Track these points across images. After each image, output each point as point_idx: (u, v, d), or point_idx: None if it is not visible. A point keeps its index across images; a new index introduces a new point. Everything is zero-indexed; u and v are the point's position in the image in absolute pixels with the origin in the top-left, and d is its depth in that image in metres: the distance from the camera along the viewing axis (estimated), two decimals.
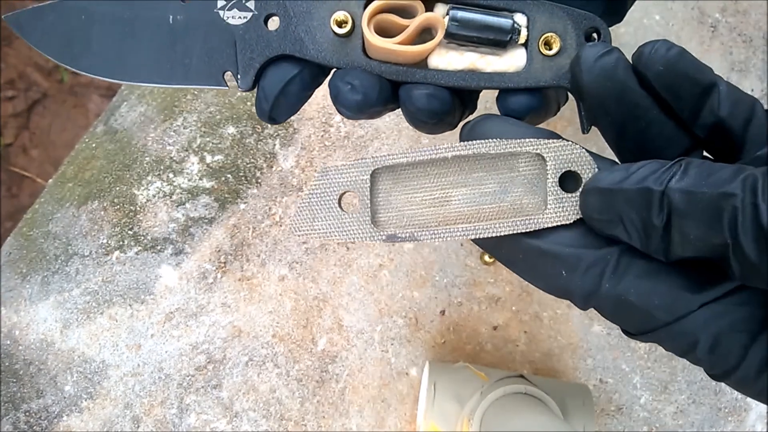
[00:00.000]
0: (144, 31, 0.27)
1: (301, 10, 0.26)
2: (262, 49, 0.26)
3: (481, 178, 0.26)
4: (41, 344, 0.45)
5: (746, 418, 0.45)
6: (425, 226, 0.27)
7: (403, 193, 0.27)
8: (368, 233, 0.27)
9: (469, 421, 0.38)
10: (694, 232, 0.20)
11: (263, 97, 0.27)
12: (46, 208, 0.47)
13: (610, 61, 0.24)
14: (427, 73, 0.26)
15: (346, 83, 0.25)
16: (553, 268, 0.24)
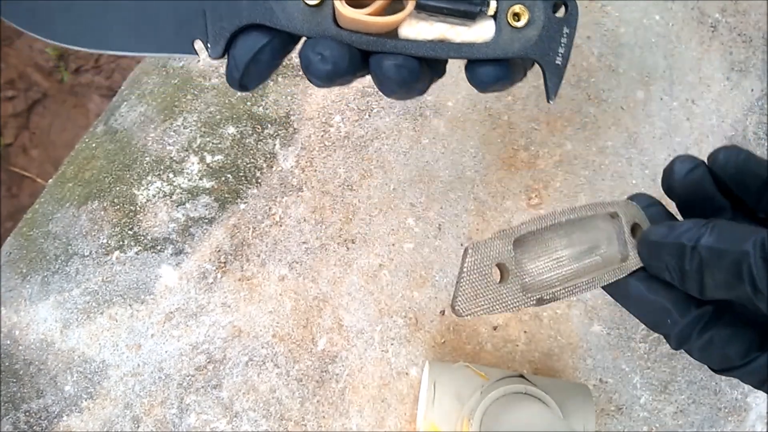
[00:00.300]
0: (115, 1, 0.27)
1: None
2: (232, 18, 0.26)
3: (577, 236, 0.31)
4: (41, 344, 0.45)
5: (746, 418, 0.45)
6: (554, 287, 0.30)
7: (531, 258, 0.30)
8: (522, 300, 0.29)
9: (469, 420, 0.38)
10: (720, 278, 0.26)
11: (234, 66, 0.27)
12: (46, 208, 0.47)
13: (698, 175, 0.30)
14: (398, 43, 0.27)
15: (317, 54, 0.26)
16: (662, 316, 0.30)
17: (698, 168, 0.30)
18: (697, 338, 0.30)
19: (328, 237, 0.46)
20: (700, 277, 0.27)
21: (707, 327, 0.30)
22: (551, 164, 0.47)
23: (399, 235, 0.46)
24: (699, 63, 0.49)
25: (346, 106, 0.48)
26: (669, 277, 0.29)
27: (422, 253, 0.46)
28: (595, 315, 0.46)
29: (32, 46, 1.11)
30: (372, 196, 0.47)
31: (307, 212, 0.47)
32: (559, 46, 0.27)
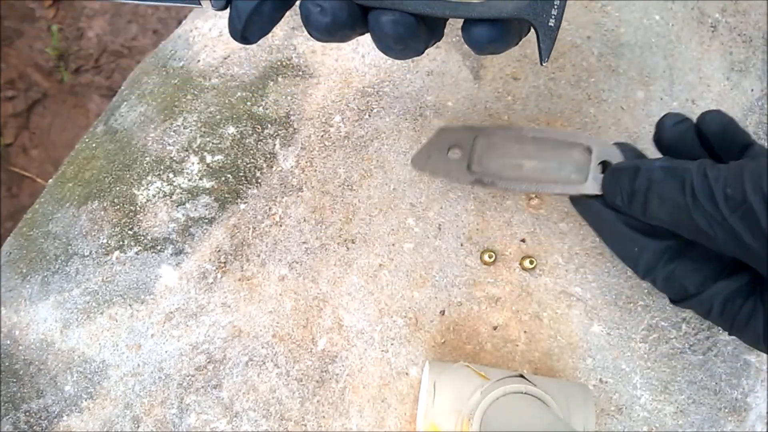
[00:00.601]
0: None
1: None
2: None
3: (546, 156, 0.40)
4: (41, 344, 0.45)
5: (746, 418, 0.45)
6: (503, 179, 0.40)
7: (492, 156, 0.40)
8: (463, 176, 0.40)
9: (469, 420, 0.38)
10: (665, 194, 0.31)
11: (236, 16, 0.27)
12: (46, 208, 0.47)
13: (684, 127, 0.35)
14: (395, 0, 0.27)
15: (316, 5, 0.26)
16: (630, 245, 0.35)
17: (685, 122, 0.35)
18: (662, 268, 0.34)
19: (328, 237, 0.46)
20: (646, 196, 0.32)
21: (672, 259, 0.34)
22: None
23: (399, 235, 0.46)
24: (699, 63, 0.49)
25: (346, 106, 0.48)
26: (620, 200, 0.34)
27: (422, 253, 0.46)
28: (595, 315, 0.46)
29: (32, 46, 1.11)
30: (372, 196, 0.47)
31: (307, 212, 0.47)
32: (552, 8, 0.28)
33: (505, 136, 0.40)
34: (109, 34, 1.13)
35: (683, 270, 0.34)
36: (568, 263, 0.46)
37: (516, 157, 0.40)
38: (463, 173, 0.40)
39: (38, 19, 1.12)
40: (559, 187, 0.40)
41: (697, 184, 0.29)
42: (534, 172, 0.40)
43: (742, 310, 0.33)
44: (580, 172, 0.40)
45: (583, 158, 0.40)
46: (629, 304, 0.46)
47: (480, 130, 0.40)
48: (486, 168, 0.41)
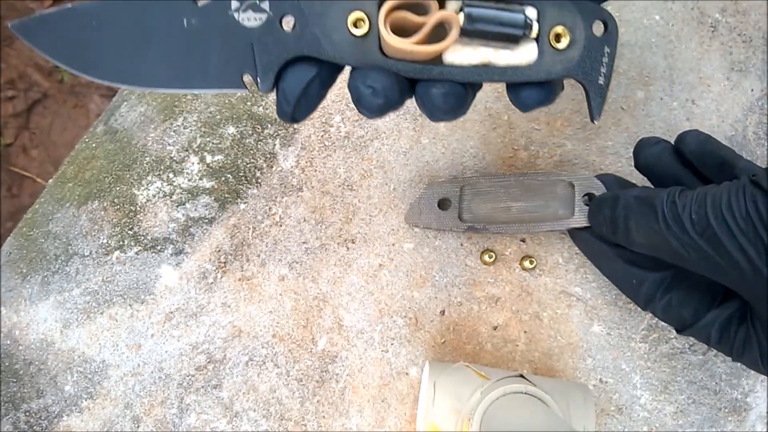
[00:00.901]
0: (157, 36, 0.26)
1: (316, 11, 0.26)
2: (280, 51, 0.26)
3: (531, 197, 0.43)
4: (41, 344, 0.45)
5: (746, 418, 0.45)
6: (493, 223, 0.43)
7: (480, 203, 0.43)
8: (455, 225, 0.44)
9: (469, 420, 0.38)
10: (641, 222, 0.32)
11: (284, 100, 0.27)
12: (46, 208, 0.47)
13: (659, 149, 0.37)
14: (443, 69, 0.27)
15: (368, 87, 0.26)
16: (628, 278, 0.37)
17: (659, 144, 0.37)
18: (659, 299, 0.36)
19: (328, 237, 0.46)
20: (626, 223, 0.33)
21: (668, 289, 0.35)
22: (551, 164, 0.47)
23: (399, 235, 0.46)
24: (699, 63, 0.49)
25: (346, 106, 0.48)
26: (605, 229, 0.36)
27: (422, 253, 0.46)
28: (595, 315, 0.46)
29: None
30: (372, 196, 0.47)
31: (307, 212, 0.47)
32: (600, 66, 0.28)
33: (490, 183, 0.43)
34: None
35: (679, 299, 0.35)
36: (568, 263, 0.46)
37: (503, 200, 0.43)
38: (456, 223, 0.43)
39: None
40: (548, 224, 0.42)
41: (667, 212, 0.31)
42: (522, 213, 0.42)
43: (737, 337, 0.34)
44: (566, 207, 0.42)
45: (567, 193, 0.42)
46: (629, 304, 0.46)
47: (465, 180, 0.44)
48: (476, 215, 0.43)
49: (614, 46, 0.28)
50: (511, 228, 0.43)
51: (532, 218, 0.43)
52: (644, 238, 0.32)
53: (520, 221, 0.43)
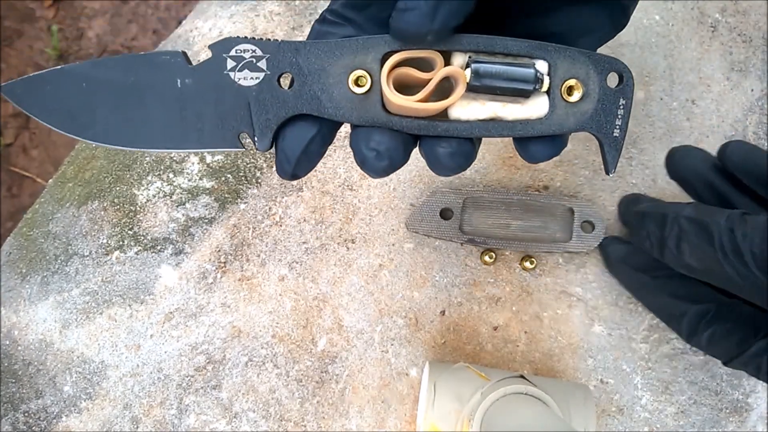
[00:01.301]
0: (151, 96, 0.26)
1: (316, 68, 0.25)
2: (278, 109, 0.26)
3: (531, 217, 0.45)
4: (40, 344, 0.45)
5: (747, 418, 0.45)
6: (492, 238, 0.44)
7: (481, 217, 0.45)
8: (456, 236, 0.44)
9: (470, 421, 0.38)
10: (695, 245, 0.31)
11: (285, 160, 0.26)
12: (46, 208, 0.47)
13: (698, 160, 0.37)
14: (449, 126, 0.26)
15: (371, 150, 0.25)
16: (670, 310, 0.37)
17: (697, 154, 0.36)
18: (702, 331, 0.35)
19: (328, 237, 0.46)
20: (678, 246, 0.32)
21: (711, 321, 0.35)
22: (551, 164, 0.47)
23: (399, 236, 0.46)
24: (699, 63, 0.49)
25: None
26: (648, 245, 0.35)
27: (422, 253, 0.46)
28: (596, 315, 0.46)
29: (32, 46, 1.11)
30: (372, 196, 0.47)
31: (307, 212, 0.47)
32: (615, 118, 0.26)
33: (492, 198, 0.45)
34: (109, 34, 1.13)
35: (723, 331, 0.35)
36: (568, 263, 0.46)
37: (503, 217, 0.44)
38: (456, 234, 0.44)
39: (38, 19, 1.12)
40: (545, 246, 0.44)
41: (725, 242, 0.30)
42: (521, 232, 0.44)
43: None
44: (564, 231, 0.44)
45: (566, 218, 0.45)
46: (630, 305, 0.46)
47: (468, 193, 0.45)
48: (476, 228, 0.45)
49: (630, 98, 0.26)
50: (510, 245, 0.44)
51: (530, 238, 0.44)
52: (697, 261, 0.32)
53: (519, 239, 0.44)
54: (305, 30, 0.49)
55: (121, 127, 0.26)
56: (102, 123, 0.26)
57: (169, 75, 0.25)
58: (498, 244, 0.45)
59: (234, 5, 0.50)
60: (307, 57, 0.25)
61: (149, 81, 0.25)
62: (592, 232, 0.45)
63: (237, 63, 0.25)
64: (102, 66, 0.25)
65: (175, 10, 1.13)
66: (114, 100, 0.25)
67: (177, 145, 0.26)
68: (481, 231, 0.45)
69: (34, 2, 1.12)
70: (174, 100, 0.26)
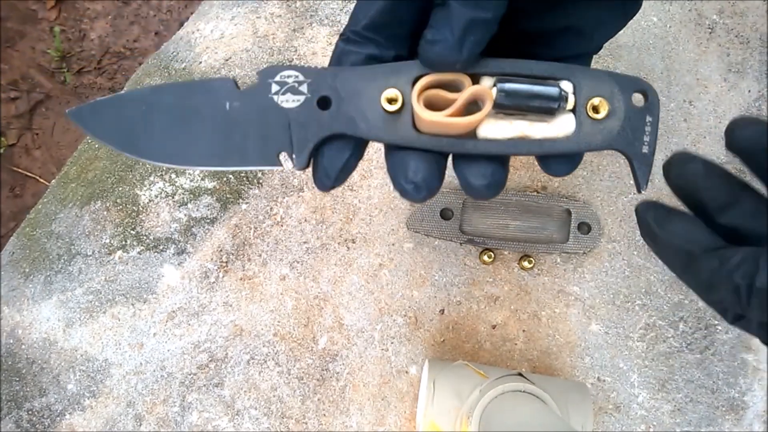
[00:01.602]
0: (202, 118, 0.27)
1: (352, 91, 0.26)
2: (316, 129, 0.27)
3: (529, 218, 0.46)
4: (44, 343, 0.45)
5: (744, 416, 0.45)
6: (492, 239, 0.45)
7: (481, 217, 0.46)
8: (456, 236, 0.45)
9: (468, 418, 0.38)
10: None
11: (325, 176, 0.28)
12: (49, 208, 0.47)
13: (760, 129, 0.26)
14: (478, 144, 0.26)
15: (409, 183, 0.26)
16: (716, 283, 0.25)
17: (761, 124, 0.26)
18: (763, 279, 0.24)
19: (329, 237, 0.47)
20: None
21: None
22: None
23: (399, 235, 0.47)
24: (696, 64, 0.50)
25: None
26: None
27: (422, 252, 0.47)
28: (593, 314, 0.46)
29: (35, 48, 1.12)
30: (372, 197, 0.47)
31: (308, 212, 0.47)
32: (643, 135, 0.27)
33: (491, 200, 0.44)
34: (112, 36, 1.13)
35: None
36: (566, 263, 0.46)
37: (502, 218, 0.46)
38: (456, 234, 0.45)
39: (40, 20, 1.12)
40: (543, 246, 0.45)
41: None
42: (519, 232, 0.45)
43: None
44: (561, 233, 0.46)
45: (563, 219, 0.46)
46: (627, 303, 0.46)
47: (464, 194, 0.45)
48: (476, 228, 0.46)
49: (656, 116, 0.27)
50: (509, 245, 0.45)
51: (528, 238, 0.45)
52: None
53: (517, 240, 0.45)
54: (306, 32, 0.50)
55: (174, 146, 0.28)
56: (156, 143, 0.28)
57: (219, 98, 0.27)
58: (497, 244, 0.45)
59: (235, 7, 0.50)
60: (344, 81, 0.26)
61: (202, 104, 0.27)
62: (588, 233, 0.46)
63: (281, 87, 0.27)
64: (161, 92, 0.28)
65: (177, 11, 1.14)
66: (169, 122, 0.27)
67: (220, 163, 0.28)
68: (480, 231, 0.46)
69: (36, 3, 1.13)
70: (223, 121, 0.27)
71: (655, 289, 0.46)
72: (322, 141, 0.27)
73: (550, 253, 0.46)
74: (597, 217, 0.46)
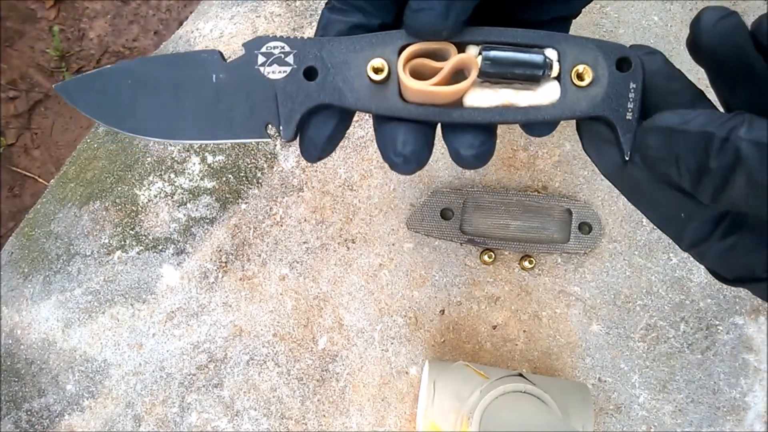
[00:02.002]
0: (188, 91, 0.27)
1: (338, 61, 0.27)
2: (302, 100, 0.27)
3: (530, 217, 0.46)
4: (43, 343, 0.45)
5: (745, 417, 0.45)
6: (492, 239, 0.45)
7: (481, 217, 0.46)
8: (456, 236, 0.45)
9: (469, 419, 0.38)
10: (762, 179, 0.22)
11: (312, 147, 0.28)
12: (48, 208, 0.47)
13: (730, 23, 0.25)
14: (464, 112, 0.27)
15: (399, 156, 0.27)
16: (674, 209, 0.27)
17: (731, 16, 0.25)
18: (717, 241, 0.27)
19: (329, 237, 0.47)
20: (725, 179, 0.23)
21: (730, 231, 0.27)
22: (550, 164, 0.48)
23: (399, 235, 0.47)
24: (697, 65, 0.49)
25: None
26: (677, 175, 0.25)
27: (422, 252, 0.46)
28: (594, 314, 0.46)
29: (34, 47, 1.12)
30: (372, 197, 0.47)
31: (307, 212, 0.47)
32: (627, 101, 0.27)
33: (491, 198, 0.46)
34: (111, 35, 1.13)
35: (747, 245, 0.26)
36: (566, 263, 0.46)
37: (503, 217, 0.46)
38: (456, 234, 0.45)
39: (39, 19, 1.12)
40: (544, 246, 0.45)
41: None
42: (520, 232, 0.46)
43: None
44: (562, 233, 0.46)
45: (564, 219, 0.46)
46: (628, 304, 0.46)
47: (468, 193, 0.46)
48: (476, 228, 0.46)
49: (640, 83, 0.27)
50: (509, 245, 0.45)
51: (529, 238, 0.45)
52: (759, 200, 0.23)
53: (518, 240, 0.45)
54: (306, 31, 0.50)
55: (159, 121, 0.28)
56: (142, 117, 0.28)
57: (206, 70, 0.27)
58: (497, 245, 0.45)
59: (235, 6, 0.50)
60: (330, 51, 0.27)
61: (188, 76, 0.28)
62: (589, 233, 0.45)
63: (267, 59, 0.27)
64: (147, 64, 0.28)
65: (176, 11, 1.14)
66: (155, 95, 0.27)
67: (208, 136, 0.28)
68: (480, 231, 0.45)
69: (35, 3, 1.13)
70: (210, 93, 0.28)
71: (656, 290, 0.46)
72: (309, 112, 0.27)
73: (551, 253, 0.46)
74: (598, 217, 0.46)
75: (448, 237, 0.45)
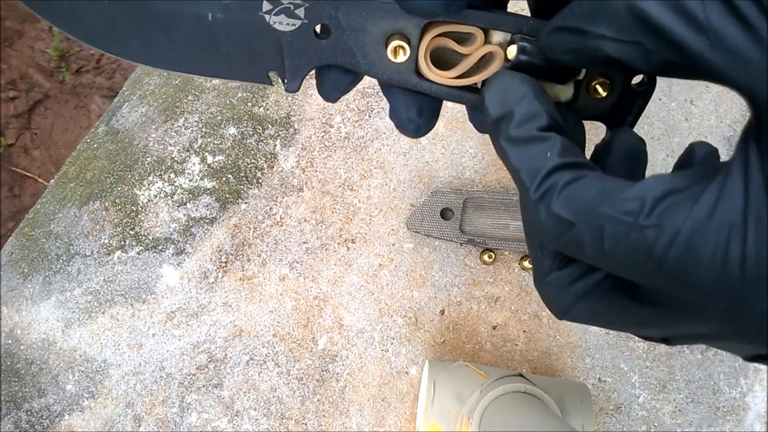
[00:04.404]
0: (178, 24, 0.26)
1: (355, 26, 0.25)
2: (311, 56, 0.26)
3: None
4: (43, 344, 0.45)
5: (744, 417, 0.45)
6: (492, 239, 0.45)
7: (481, 217, 0.46)
8: (456, 236, 0.45)
9: (469, 419, 0.38)
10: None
11: (326, 96, 0.28)
12: (47, 208, 0.47)
13: None
14: (478, 98, 0.27)
15: (412, 121, 0.27)
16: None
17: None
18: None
19: (329, 237, 0.47)
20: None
21: None
22: None
23: (399, 235, 0.47)
24: None
25: (347, 107, 0.48)
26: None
27: (422, 253, 0.46)
28: None
29: (33, 47, 1.12)
30: (372, 197, 0.47)
31: (307, 212, 0.47)
32: (628, 114, 0.27)
33: (491, 198, 0.46)
34: None
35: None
36: None
37: (503, 218, 0.46)
38: (456, 234, 0.45)
39: (39, 19, 1.12)
40: None
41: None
42: (519, 232, 0.45)
43: None
44: None
45: None
46: None
47: (469, 193, 0.46)
48: (476, 228, 0.46)
49: (647, 100, 0.27)
50: (509, 245, 0.45)
51: None
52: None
53: (518, 240, 0.45)
54: None
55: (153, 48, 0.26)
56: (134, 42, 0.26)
57: (200, 6, 0.26)
58: (497, 245, 0.45)
59: None
60: (348, 13, 0.25)
61: (179, 8, 0.26)
62: None
63: (274, 6, 0.25)
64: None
65: None
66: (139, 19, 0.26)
67: (202, 71, 0.27)
68: (480, 231, 0.45)
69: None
70: (203, 31, 0.26)
71: None
72: (318, 68, 0.27)
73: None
74: None
75: (448, 237, 0.45)
